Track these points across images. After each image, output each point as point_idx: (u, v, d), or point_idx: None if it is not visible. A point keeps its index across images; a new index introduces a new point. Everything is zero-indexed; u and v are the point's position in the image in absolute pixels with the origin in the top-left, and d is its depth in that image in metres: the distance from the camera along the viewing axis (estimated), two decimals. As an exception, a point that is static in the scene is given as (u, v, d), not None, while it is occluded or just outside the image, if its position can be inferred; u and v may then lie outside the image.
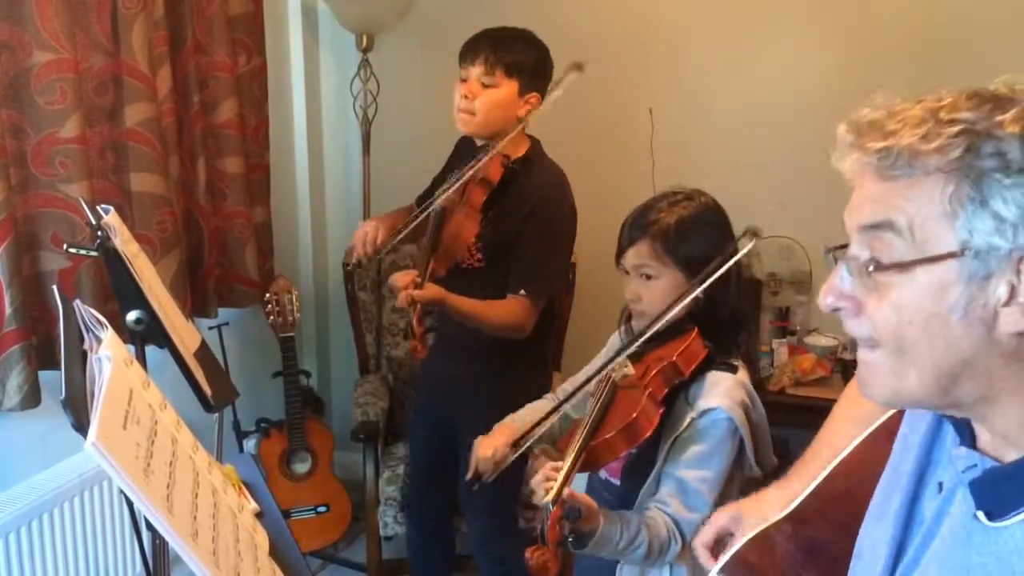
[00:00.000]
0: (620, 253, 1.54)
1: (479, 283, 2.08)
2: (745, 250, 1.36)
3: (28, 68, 2.00)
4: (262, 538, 1.10)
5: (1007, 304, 0.67)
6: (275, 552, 1.10)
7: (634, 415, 1.38)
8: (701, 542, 1.22)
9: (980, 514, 0.71)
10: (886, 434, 0.95)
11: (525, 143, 2.10)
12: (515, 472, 2.26)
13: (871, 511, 0.89)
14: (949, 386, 0.71)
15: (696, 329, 1.46)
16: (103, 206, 1.54)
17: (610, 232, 1.62)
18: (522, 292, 2.01)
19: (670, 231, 1.48)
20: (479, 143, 2.12)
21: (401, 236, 2.04)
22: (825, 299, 0.76)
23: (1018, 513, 0.69)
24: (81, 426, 0.91)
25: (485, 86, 2.02)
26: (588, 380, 1.57)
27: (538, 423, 1.61)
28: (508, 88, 2.02)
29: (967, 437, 0.77)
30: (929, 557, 0.77)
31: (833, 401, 1.28)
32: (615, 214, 1.64)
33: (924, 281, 0.69)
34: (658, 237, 1.48)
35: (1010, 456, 0.73)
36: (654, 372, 1.44)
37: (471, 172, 1.99)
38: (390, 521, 2.66)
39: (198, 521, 0.88)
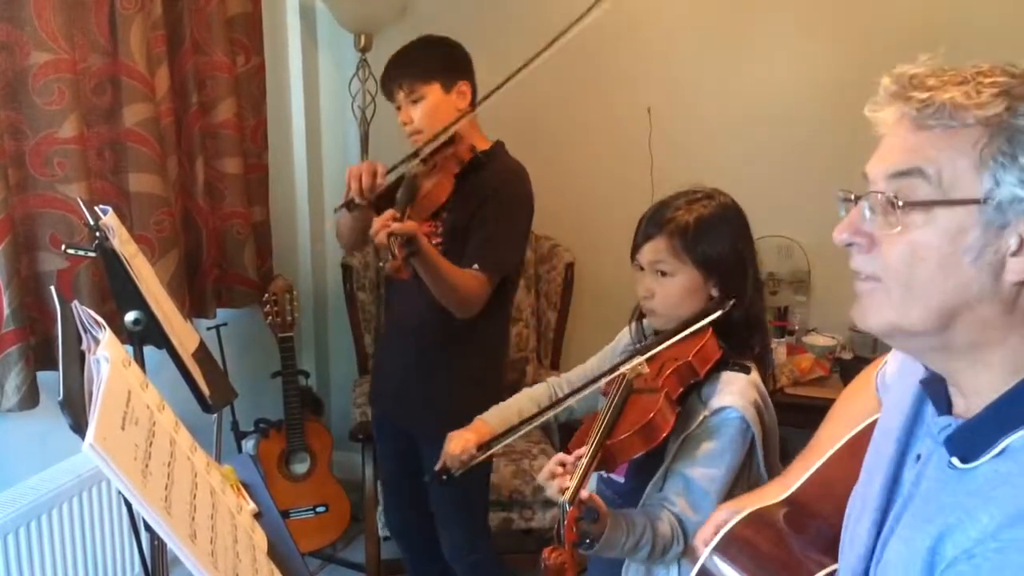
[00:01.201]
0: (635, 249, 1.53)
1: None
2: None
3: (26, 68, 2.00)
4: (260, 538, 1.10)
5: (1015, 254, 0.73)
6: (273, 552, 1.10)
7: (651, 415, 1.37)
8: (702, 539, 1.22)
9: (955, 460, 0.77)
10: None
11: (488, 141, 2.15)
12: (482, 480, 2.26)
13: (855, 491, 0.94)
14: (947, 324, 0.77)
15: (711, 329, 1.46)
16: (101, 206, 1.54)
17: (608, 230, 1.63)
18: (475, 267, 2.03)
19: (689, 228, 1.47)
20: None
21: (397, 171, 2.05)
22: (840, 234, 0.81)
23: (988, 452, 0.75)
24: (79, 427, 0.91)
25: (414, 103, 2.08)
26: (598, 377, 1.54)
27: (513, 428, 1.61)
28: (432, 92, 2.08)
29: (944, 407, 0.83)
30: (909, 516, 0.81)
31: (831, 401, 1.30)
32: (613, 213, 1.64)
33: (944, 223, 0.74)
34: (676, 234, 1.47)
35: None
36: (669, 371, 1.43)
37: (444, 152, 2.05)
38: (389, 521, 2.66)
39: (196, 522, 0.88)
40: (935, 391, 0.84)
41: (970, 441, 0.76)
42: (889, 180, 0.77)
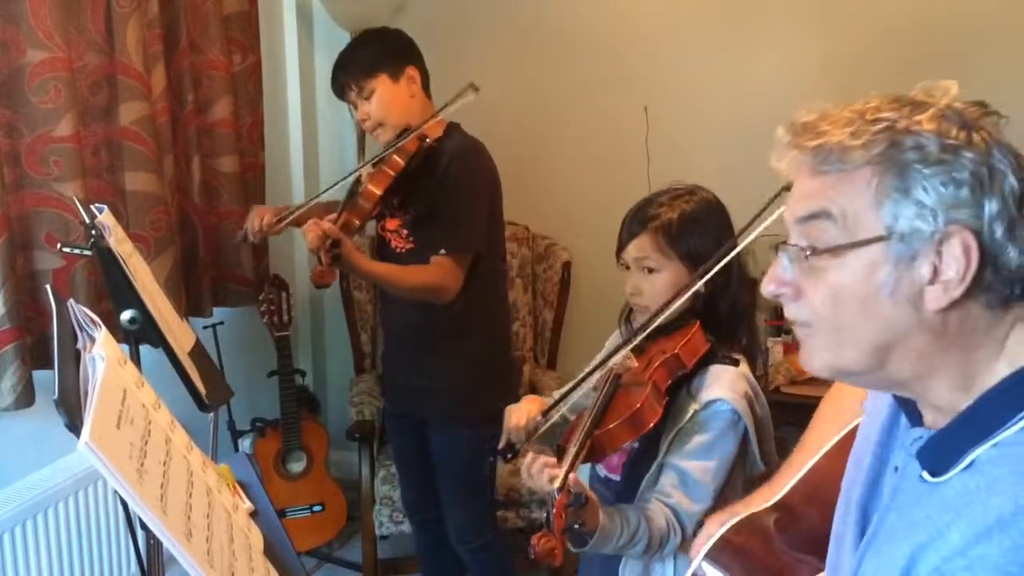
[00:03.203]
0: (621, 248, 1.54)
1: (414, 264, 2.11)
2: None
3: (22, 67, 1.99)
4: (257, 537, 1.10)
5: (931, 283, 0.74)
6: (270, 552, 1.10)
7: (639, 404, 1.38)
8: (697, 550, 1.21)
9: (925, 474, 0.78)
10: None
11: (442, 125, 2.17)
12: (488, 463, 2.27)
13: (840, 499, 0.94)
14: (883, 361, 0.78)
15: (698, 323, 1.47)
16: (97, 205, 1.54)
17: (606, 230, 1.62)
18: (442, 251, 2.05)
19: (673, 224, 1.48)
20: None
21: (298, 212, 2.15)
22: (768, 286, 0.84)
23: (957, 465, 0.75)
24: (74, 426, 0.91)
25: (366, 99, 2.12)
26: (593, 370, 1.54)
27: (566, 394, 1.56)
28: (382, 84, 2.11)
29: (916, 419, 0.83)
30: (885, 529, 0.82)
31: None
32: (610, 213, 1.64)
33: (855, 264, 0.77)
34: (660, 230, 1.48)
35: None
36: (657, 364, 1.44)
37: (392, 149, 2.08)
38: (385, 520, 2.66)
39: (192, 521, 0.87)
40: (907, 403, 0.85)
41: (939, 454, 0.77)
42: (799, 225, 0.80)
